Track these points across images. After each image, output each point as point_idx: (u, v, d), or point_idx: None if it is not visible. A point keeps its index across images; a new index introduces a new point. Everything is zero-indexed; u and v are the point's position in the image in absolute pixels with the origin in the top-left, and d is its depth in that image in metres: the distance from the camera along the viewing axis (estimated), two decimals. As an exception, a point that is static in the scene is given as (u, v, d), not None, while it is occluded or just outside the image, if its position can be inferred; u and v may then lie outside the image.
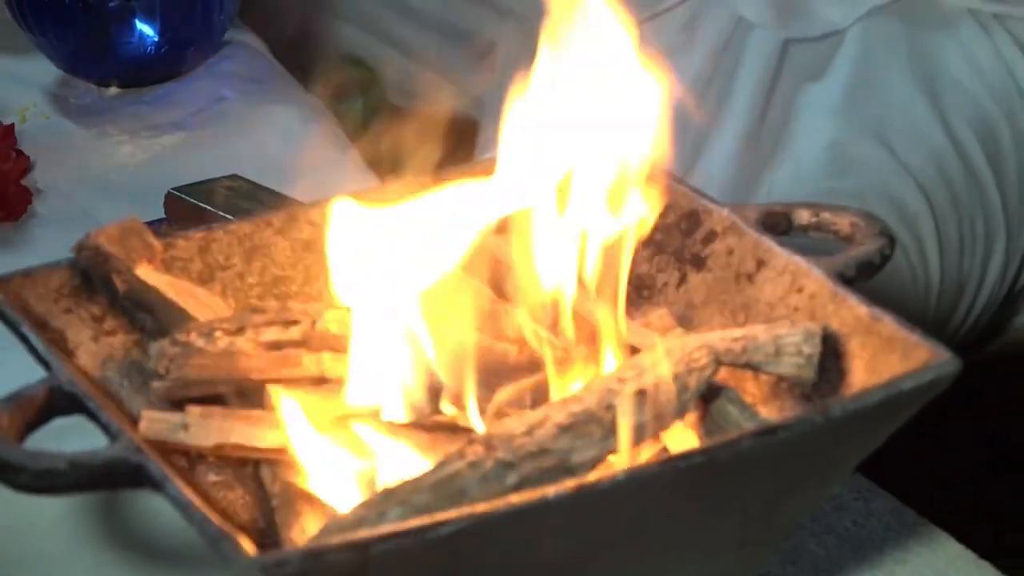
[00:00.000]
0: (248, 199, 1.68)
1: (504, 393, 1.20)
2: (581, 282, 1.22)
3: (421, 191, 1.24)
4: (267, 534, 1.17)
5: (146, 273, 1.28)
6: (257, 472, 1.22)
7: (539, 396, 1.19)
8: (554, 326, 1.21)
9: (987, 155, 2.08)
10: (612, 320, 1.21)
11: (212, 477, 1.20)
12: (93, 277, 1.29)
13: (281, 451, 1.19)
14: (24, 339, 1.23)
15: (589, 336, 1.22)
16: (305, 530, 1.17)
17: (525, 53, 2.33)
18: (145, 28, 1.89)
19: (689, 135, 1.90)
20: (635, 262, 1.33)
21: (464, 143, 2.25)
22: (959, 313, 2.06)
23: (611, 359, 1.20)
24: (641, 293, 1.33)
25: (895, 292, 1.57)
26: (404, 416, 1.19)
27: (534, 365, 1.20)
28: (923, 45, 2.12)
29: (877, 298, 1.20)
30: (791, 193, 1.89)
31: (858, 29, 2.13)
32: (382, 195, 1.25)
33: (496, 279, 1.25)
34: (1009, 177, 2.10)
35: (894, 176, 2.04)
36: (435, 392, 1.19)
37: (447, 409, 1.19)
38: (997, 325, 2.17)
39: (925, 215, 2.02)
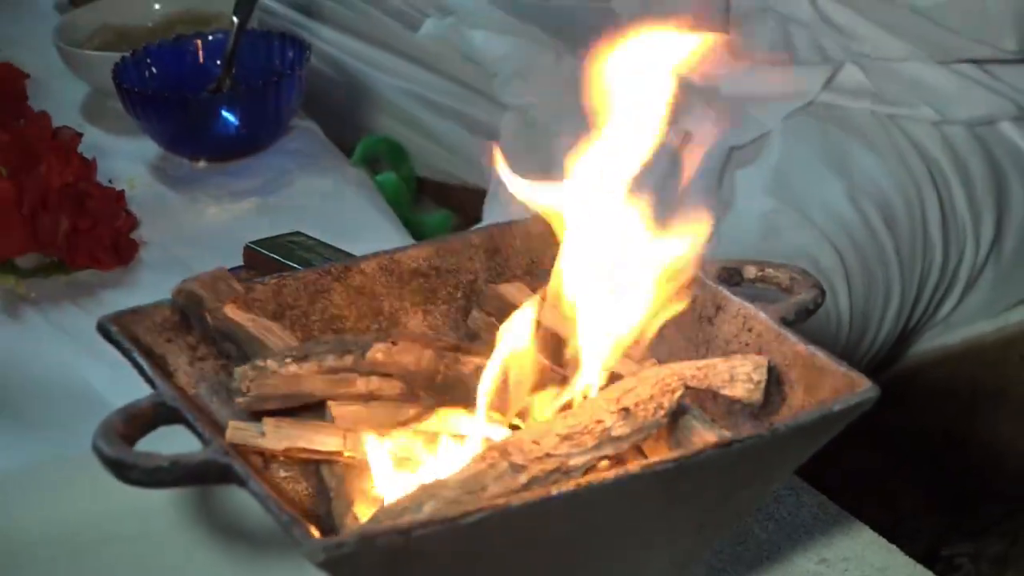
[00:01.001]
0: (309, 251, 1.68)
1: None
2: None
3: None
4: (325, 520, 1.17)
5: (231, 311, 1.29)
6: (318, 470, 1.22)
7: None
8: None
9: (885, 223, 2.08)
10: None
11: (282, 473, 1.20)
12: (189, 314, 1.29)
13: (337, 453, 1.21)
14: (135, 363, 1.24)
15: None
16: (357, 517, 1.18)
17: (520, 137, 2.33)
18: (228, 116, 1.89)
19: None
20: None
21: (473, 207, 2.24)
22: (863, 347, 2.07)
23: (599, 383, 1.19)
24: (622, 331, 1.32)
25: (812, 329, 1.57)
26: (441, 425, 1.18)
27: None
28: (835, 138, 2.12)
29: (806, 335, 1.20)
30: (733, 252, 1.88)
31: (782, 126, 2.12)
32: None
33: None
34: (903, 240, 2.11)
35: (812, 240, 2.05)
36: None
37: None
38: (895, 355, 2.17)
39: (837, 270, 2.02)
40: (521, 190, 1.22)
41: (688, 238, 1.19)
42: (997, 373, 2.22)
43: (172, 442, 1.12)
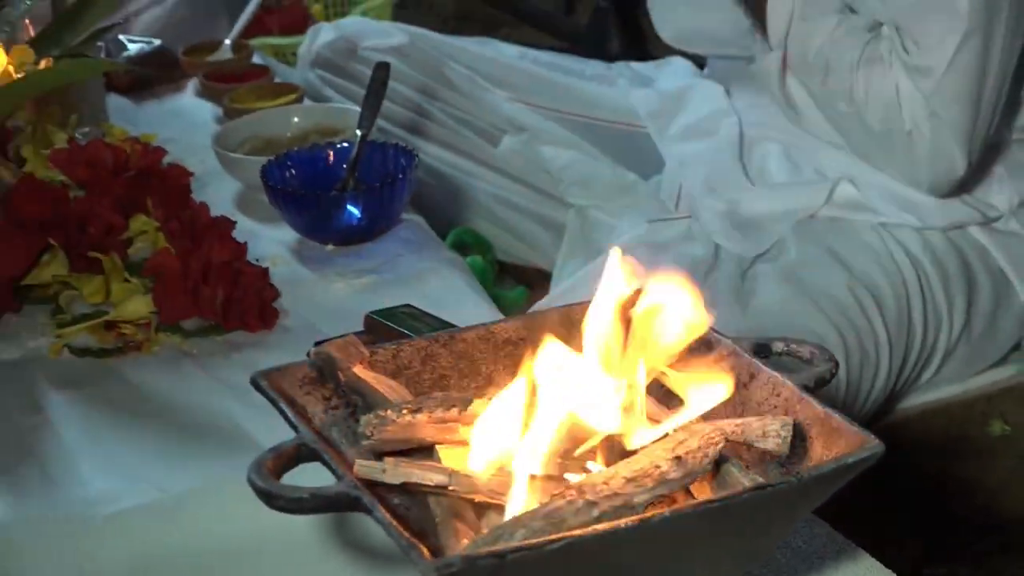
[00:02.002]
0: (417, 320, 1.67)
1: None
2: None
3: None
4: (432, 541, 1.15)
5: (359, 370, 1.29)
6: (426, 500, 1.19)
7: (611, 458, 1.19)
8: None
9: (877, 309, 2.07)
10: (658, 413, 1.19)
11: (396, 501, 1.17)
12: (325, 372, 1.29)
13: (444, 487, 1.20)
14: (280, 411, 1.24)
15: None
16: (460, 542, 1.16)
17: (581, 230, 2.32)
18: (352, 209, 1.90)
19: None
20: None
21: (542, 285, 2.24)
22: (856, 406, 2.06)
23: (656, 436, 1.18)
24: (673, 393, 1.31)
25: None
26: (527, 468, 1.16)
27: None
28: (835, 242, 2.11)
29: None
30: (757, 330, 1.88)
31: (793, 232, 2.11)
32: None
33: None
34: (891, 323, 2.09)
35: (819, 322, 2.03)
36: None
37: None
38: (885, 410, 2.16)
39: (838, 347, 2.01)
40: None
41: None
42: (964, 426, 2.21)
43: (310, 477, 1.13)
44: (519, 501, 1.15)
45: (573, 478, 1.16)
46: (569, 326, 1.38)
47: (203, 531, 1.43)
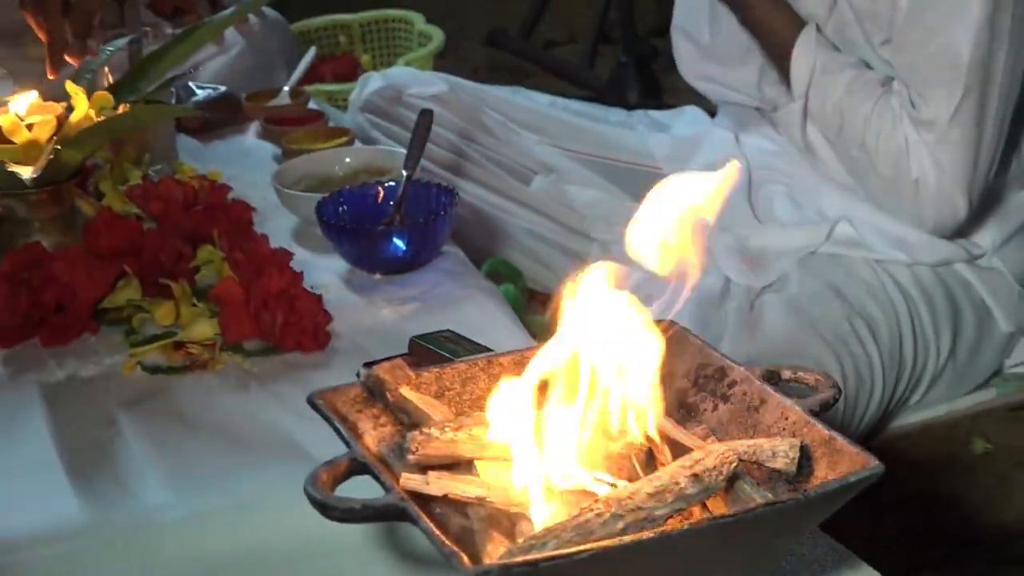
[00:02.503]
0: (456, 344, 1.67)
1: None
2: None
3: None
4: (468, 547, 1.15)
5: (406, 391, 1.29)
6: (465, 510, 1.19)
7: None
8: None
9: (872, 335, 2.07)
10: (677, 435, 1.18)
11: (437, 510, 1.17)
12: (374, 392, 1.28)
13: (482, 499, 1.19)
14: (334, 427, 1.24)
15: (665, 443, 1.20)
16: (495, 549, 1.16)
17: (603, 261, 2.31)
18: (398, 242, 1.89)
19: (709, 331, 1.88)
20: (686, 395, 1.33)
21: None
22: (853, 424, 2.05)
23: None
24: (691, 415, 1.31)
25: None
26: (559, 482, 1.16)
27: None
28: (835, 275, 2.11)
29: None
30: (762, 357, 1.88)
31: (797, 267, 2.11)
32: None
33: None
34: (884, 351, 2.09)
35: (819, 350, 2.03)
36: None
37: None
38: (878, 430, 2.15)
39: (836, 370, 2.01)
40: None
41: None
42: (949, 444, 2.21)
43: (361, 487, 1.14)
44: (550, 513, 1.14)
45: (600, 492, 1.15)
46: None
47: (261, 536, 1.43)
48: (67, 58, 1.94)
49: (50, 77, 1.93)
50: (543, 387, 1.21)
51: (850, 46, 2.05)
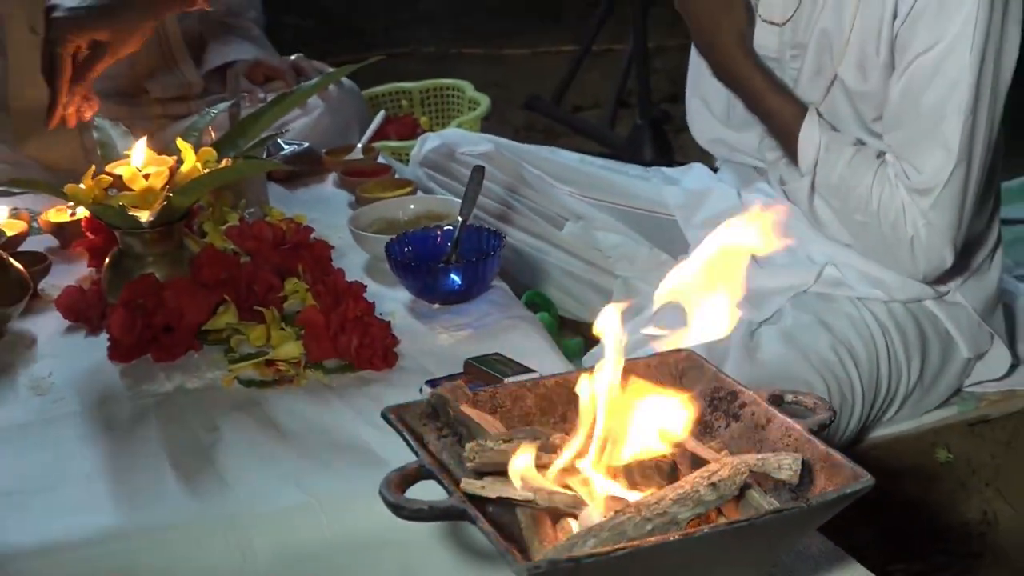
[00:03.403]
0: (505, 365, 1.67)
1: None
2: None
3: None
4: (519, 543, 1.14)
5: (465, 408, 1.29)
6: (514, 510, 1.18)
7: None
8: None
9: (853, 362, 2.05)
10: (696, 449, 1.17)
11: (491, 509, 1.16)
12: (438, 408, 1.28)
13: (530, 501, 1.17)
14: (404, 438, 1.24)
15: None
16: (542, 545, 1.16)
17: (624, 295, 2.29)
18: (455, 278, 1.88)
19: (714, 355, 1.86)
20: (702, 414, 1.32)
21: (594, 337, 2.21)
22: (836, 437, 2.04)
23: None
24: (706, 431, 1.30)
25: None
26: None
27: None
28: (823, 310, 2.08)
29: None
30: (760, 380, 1.86)
31: (789, 304, 2.10)
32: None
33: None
34: (864, 375, 2.06)
35: (809, 374, 2.00)
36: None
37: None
38: (858, 440, 2.13)
39: (823, 391, 1.99)
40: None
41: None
42: (916, 454, 2.19)
43: (425, 490, 1.12)
44: (588, 515, 1.13)
45: (631, 497, 1.14)
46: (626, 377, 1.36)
47: (339, 528, 1.42)
48: (68, 116, 1.92)
49: (49, 127, 1.92)
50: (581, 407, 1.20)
51: (841, 123, 2.04)
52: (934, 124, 1.92)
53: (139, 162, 1.83)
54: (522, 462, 1.14)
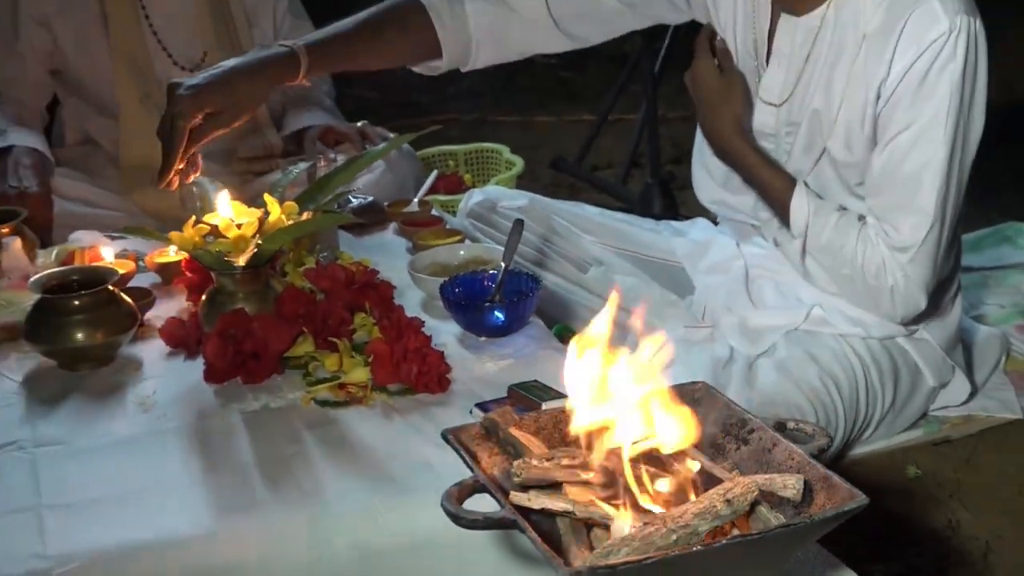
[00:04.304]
0: (543, 391, 1.66)
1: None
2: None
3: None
4: (558, 549, 1.12)
5: (513, 430, 1.28)
6: (555, 519, 1.16)
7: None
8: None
9: (836, 390, 2.03)
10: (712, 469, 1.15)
11: (535, 518, 1.14)
12: (490, 430, 1.26)
13: (569, 512, 1.15)
14: (461, 456, 1.21)
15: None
16: (580, 551, 1.14)
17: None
18: (498, 315, 1.86)
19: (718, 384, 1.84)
20: (715, 439, 1.29)
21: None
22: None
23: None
24: (719, 453, 1.27)
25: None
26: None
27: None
28: (810, 345, 2.07)
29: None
30: (758, 407, 1.83)
31: (782, 339, 2.08)
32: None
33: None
34: (846, 401, 2.04)
35: (800, 401, 1.98)
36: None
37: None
38: (840, 457, 2.11)
39: (811, 414, 1.97)
40: None
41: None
42: (889, 469, 2.16)
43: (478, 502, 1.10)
44: (621, 526, 1.11)
45: (657, 511, 1.12)
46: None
47: (403, 529, 1.41)
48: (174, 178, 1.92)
49: (159, 187, 1.91)
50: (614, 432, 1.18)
51: (828, 189, 2.02)
52: (911, 192, 1.90)
53: (230, 213, 1.82)
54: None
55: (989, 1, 1.97)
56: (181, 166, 1.87)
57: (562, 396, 1.62)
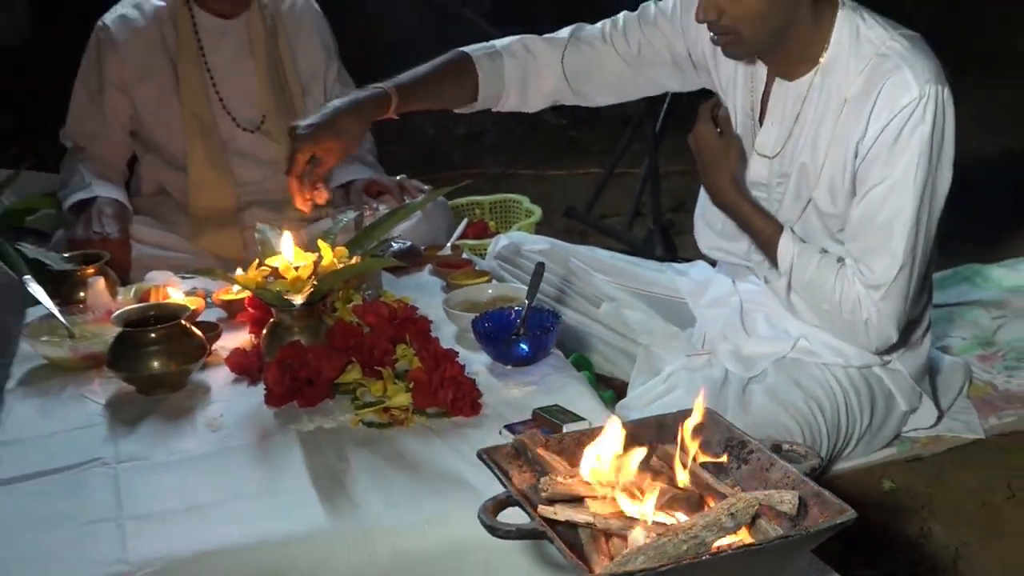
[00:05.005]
0: (563, 413, 1.65)
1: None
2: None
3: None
4: (580, 556, 1.10)
5: (540, 450, 1.25)
6: (577, 530, 1.14)
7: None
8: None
9: (820, 413, 2.00)
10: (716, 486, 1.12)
11: (560, 529, 1.14)
12: (519, 450, 1.24)
13: (591, 524, 1.13)
14: (494, 473, 1.19)
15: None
16: (600, 559, 1.12)
17: (646, 359, 2.24)
18: (523, 346, 1.87)
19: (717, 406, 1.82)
20: (719, 458, 1.27)
21: (623, 391, 2.17)
22: (807, 471, 1.97)
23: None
24: (722, 472, 1.25)
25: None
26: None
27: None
28: (797, 372, 2.04)
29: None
30: (751, 427, 1.81)
31: (771, 367, 2.06)
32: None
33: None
34: (828, 423, 2.01)
35: (788, 422, 1.96)
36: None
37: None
38: (824, 472, 2.08)
39: (798, 434, 1.94)
40: None
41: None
42: (867, 483, 2.12)
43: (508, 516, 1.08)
44: (637, 536, 1.09)
45: (670, 523, 1.10)
46: (661, 429, 1.32)
47: (444, 539, 1.40)
48: (306, 203, 1.95)
49: (302, 208, 1.97)
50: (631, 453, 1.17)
51: (813, 234, 2.01)
52: (884, 238, 1.89)
53: (291, 256, 1.83)
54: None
55: (957, 70, 1.96)
56: (308, 194, 1.93)
57: (581, 419, 1.61)
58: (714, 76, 2.11)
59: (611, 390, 2.27)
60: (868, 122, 1.86)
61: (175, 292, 2.13)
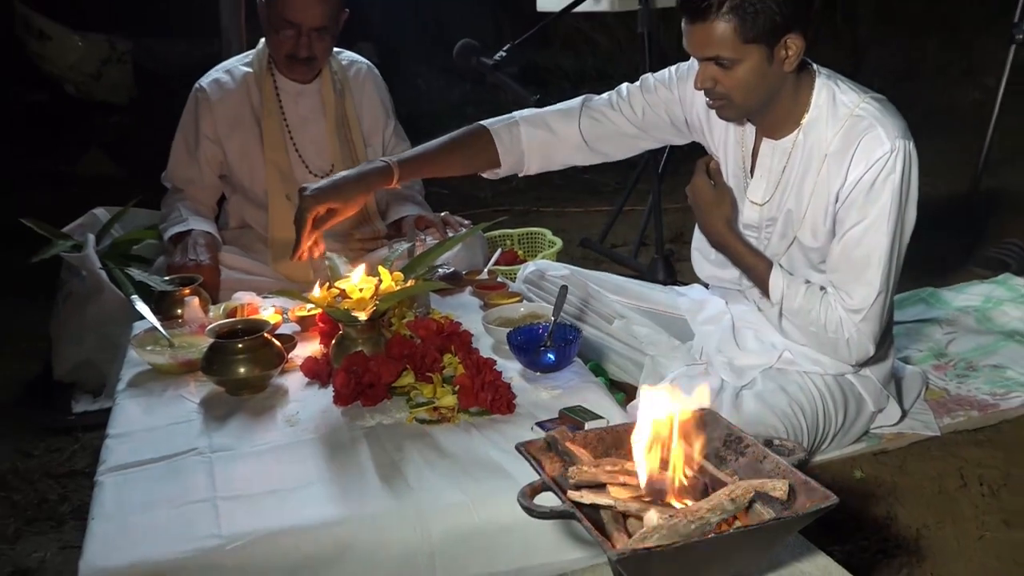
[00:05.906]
0: (585, 413, 1.64)
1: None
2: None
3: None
4: (606, 535, 1.09)
5: (568, 444, 1.24)
6: (600, 511, 1.13)
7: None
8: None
9: (802, 414, 1.99)
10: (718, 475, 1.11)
11: (585, 511, 1.12)
12: (551, 444, 1.23)
13: (612, 507, 1.12)
14: (531, 464, 1.19)
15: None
16: (620, 537, 1.10)
17: (653, 368, 2.21)
18: (550, 356, 1.86)
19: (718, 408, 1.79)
20: (719, 451, 1.25)
21: (632, 394, 2.15)
22: (790, 462, 1.95)
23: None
24: (723, 462, 1.24)
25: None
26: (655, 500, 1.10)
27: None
28: (782, 380, 2.02)
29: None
30: (743, 424, 1.79)
31: (759, 376, 2.04)
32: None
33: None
34: (808, 423, 1.99)
35: (775, 422, 1.94)
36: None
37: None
38: (804, 463, 2.04)
39: (784, 433, 1.92)
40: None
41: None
42: (840, 474, 2.09)
43: (543, 499, 1.07)
44: (651, 518, 1.09)
45: (679, 506, 1.09)
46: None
47: (484, 518, 1.39)
48: (303, 254, 1.95)
49: (292, 259, 1.97)
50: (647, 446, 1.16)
51: (797, 266, 2.00)
52: (862, 270, 1.89)
53: (356, 280, 1.83)
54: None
55: (920, 129, 1.96)
56: (310, 243, 1.92)
57: (600, 417, 1.60)
58: (707, 136, 2.11)
59: (623, 392, 2.27)
60: (847, 172, 1.85)
61: (258, 309, 2.14)
